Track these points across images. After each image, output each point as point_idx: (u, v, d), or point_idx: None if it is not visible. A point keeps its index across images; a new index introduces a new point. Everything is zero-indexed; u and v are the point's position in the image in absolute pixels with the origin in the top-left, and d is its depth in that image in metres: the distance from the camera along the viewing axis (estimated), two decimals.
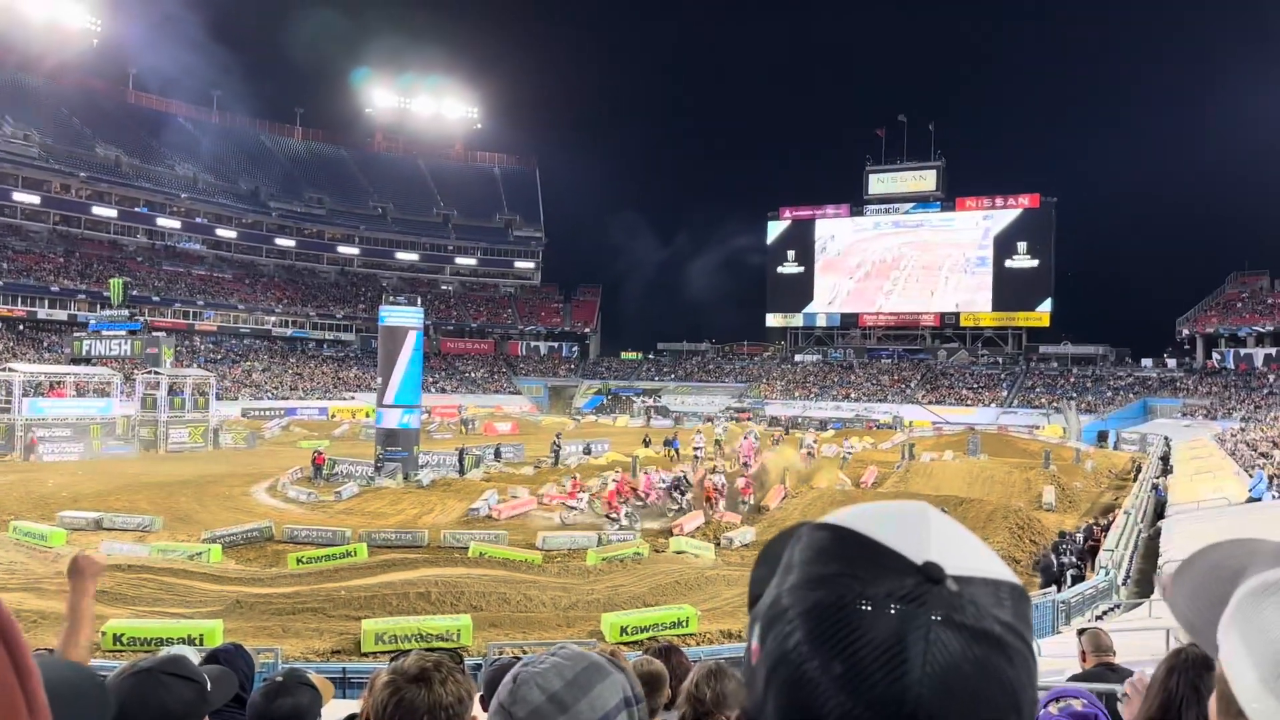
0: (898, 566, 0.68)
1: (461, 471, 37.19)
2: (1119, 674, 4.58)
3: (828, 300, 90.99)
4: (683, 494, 29.98)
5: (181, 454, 44.08)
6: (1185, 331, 73.12)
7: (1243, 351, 68.35)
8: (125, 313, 53.68)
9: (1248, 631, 0.76)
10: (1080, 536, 23.35)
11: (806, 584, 0.69)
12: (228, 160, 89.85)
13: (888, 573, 0.68)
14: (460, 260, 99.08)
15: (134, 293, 65.13)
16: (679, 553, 23.73)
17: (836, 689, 0.65)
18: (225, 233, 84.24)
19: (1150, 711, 2.02)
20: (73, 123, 79.81)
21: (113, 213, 76.95)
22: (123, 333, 51.27)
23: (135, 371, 48.85)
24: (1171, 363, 73.40)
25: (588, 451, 44.54)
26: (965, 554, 0.71)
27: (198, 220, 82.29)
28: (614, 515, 27.69)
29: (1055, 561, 19.90)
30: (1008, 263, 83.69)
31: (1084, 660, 5.29)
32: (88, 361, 51.54)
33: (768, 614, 0.71)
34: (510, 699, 1.41)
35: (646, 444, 46.21)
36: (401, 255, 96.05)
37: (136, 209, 78.13)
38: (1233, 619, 0.78)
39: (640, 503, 29.54)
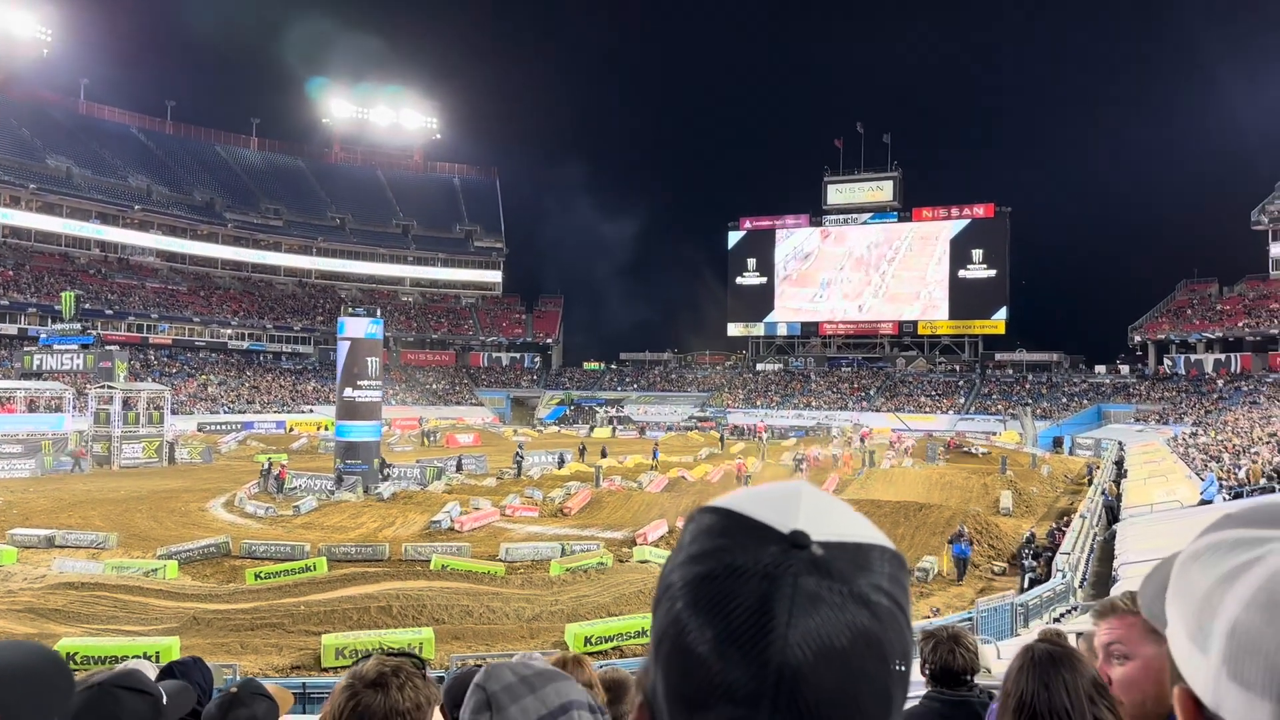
0: (767, 537, 0.72)
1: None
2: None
3: (788, 310, 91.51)
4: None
5: (136, 470, 43.32)
6: (1137, 338, 74.42)
7: (1193, 357, 69.71)
8: (77, 326, 52.79)
9: (1178, 597, 0.81)
10: (1039, 536, 23.69)
11: (689, 560, 0.74)
12: (182, 171, 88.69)
13: (758, 543, 0.72)
14: (420, 271, 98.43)
15: (86, 306, 64.07)
16: (643, 562, 23.73)
17: (710, 653, 0.69)
18: (180, 244, 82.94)
19: (1006, 708, 2.08)
20: (22, 134, 78.33)
21: (64, 225, 75.54)
22: (74, 347, 50.40)
23: (88, 386, 48.00)
24: (1124, 369, 74.66)
25: (561, 463, 44.51)
26: (833, 522, 0.75)
27: (151, 232, 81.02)
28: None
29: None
30: (964, 272, 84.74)
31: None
32: (38, 376, 50.57)
33: (658, 592, 0.77)
34: (485, 678, 1.50)
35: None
36: (360, 266, 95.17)
37: (88, 221, 76.79)
38: (1170, 591, 0.83)
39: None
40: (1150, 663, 2.05)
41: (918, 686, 3.37)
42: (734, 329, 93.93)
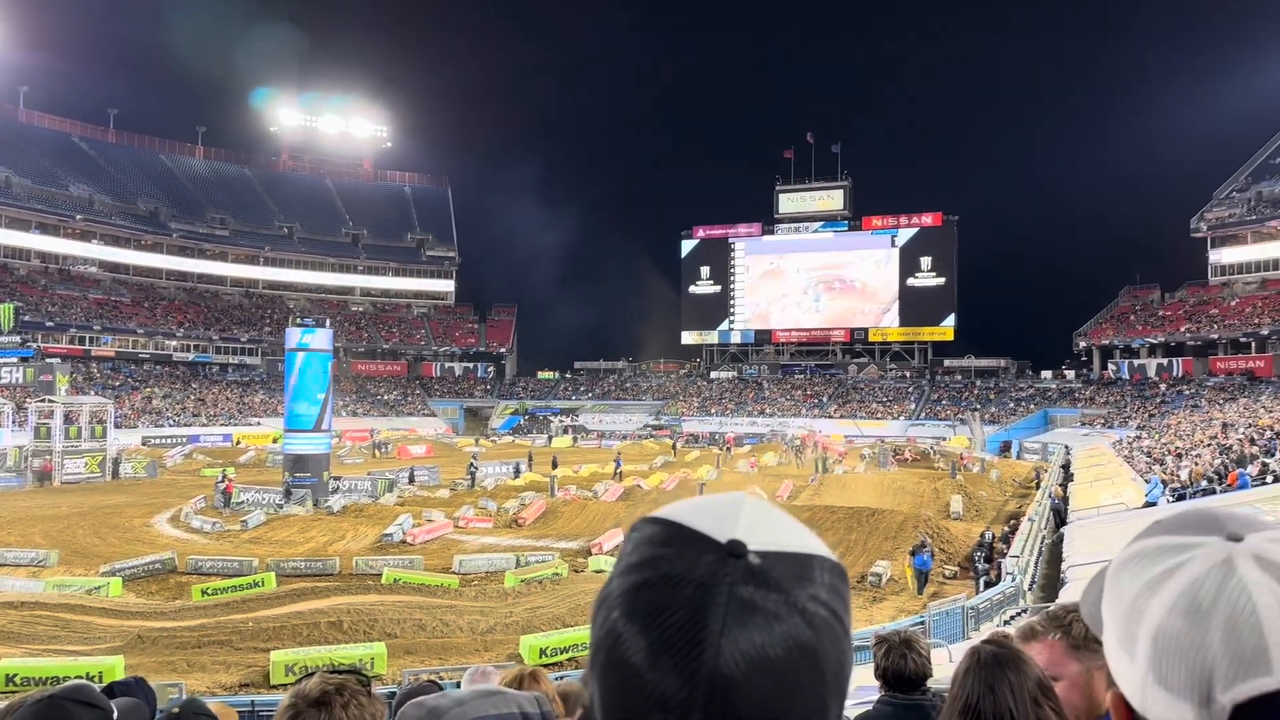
0: (705, 546, 0.72)
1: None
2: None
3: (741, 317, 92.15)
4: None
5: (78, 485, 42.28)
6: (1082, 344, 75.91)
7: (1136, 362, 71.22)
8: (16, 339, 51.57)
9: (1109, 604, 0.84)
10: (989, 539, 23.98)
11: (627, 570, 0.74)
12: (126, 180, 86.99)
13: (696, 552, 0.72)
14: (371, 281, 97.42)
15: (25, 318, 62.42)
16: (598, 571, 23.66)
17: (643, 662, 0.68)
18: (123, 255, 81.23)
19: (952, 710, 2.12)
20: None
21: (2, 235, 73.65)
22: (14, 360, 49.25)
23: (28, 400, 46.82)
24: (1070, 374, 76.07)
25: (517, 473, 44.24)
26: (773, 532, 0.74)
27: (93, 242, 79.29)
28: None
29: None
30: (913, 279, 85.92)
31: None
32: None
33: (597, 602, 0.76)
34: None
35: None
36: (309, 276, 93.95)
37: (28, 231, 74.95)
38: (1104, 596, 0.86)
39: None
40: (1076, 680, 2.11)
41: (869, 691, 3.39)
42: (688, 337, 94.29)
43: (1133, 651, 0.78)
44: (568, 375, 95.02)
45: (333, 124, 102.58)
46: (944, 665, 9.59)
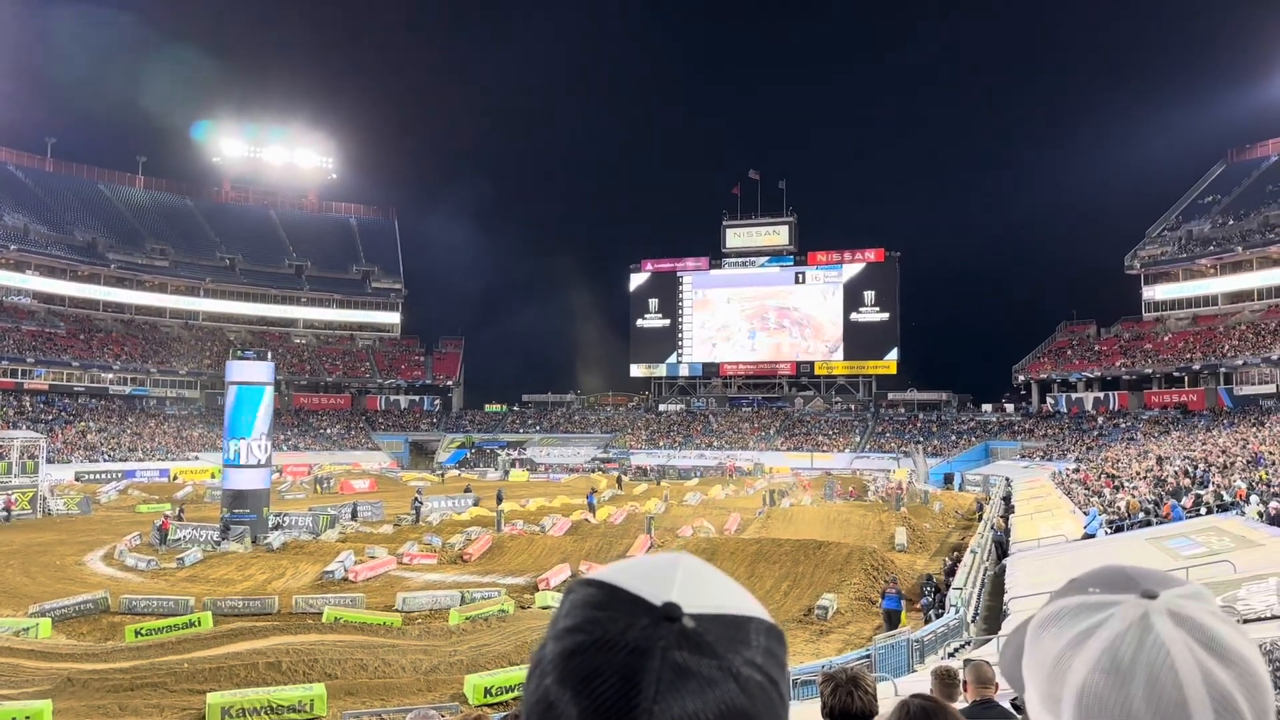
0: (640, 609, 0.72)
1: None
2: (995, 710, 4.67)
3: (689, 351, 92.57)
4: None
5: (8, 522, 40.94)
6: (1021, 378, 77.36)
7: (1074, 396, 72.77)
8: None
9: (1031, 662, 0.85)
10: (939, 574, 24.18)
11: (562, 634, 0.74)
12: (63, 210, 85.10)
13: (630, 616, 0.71)
14: (314, 313, 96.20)
15: None
16: (545, 608, 23.42)
17: None
18: (59, 286, 79.38)
19: None
20: None
21: None
22: None
23: None
24: (1010, 408, 77.48)
25: (475, 504, 43.71)
26: (709, 594, 0.74)
27: (28, 273, 77.37)
28: None
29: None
30: (856, 314, 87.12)
31: (966, 691, 5.40)
32: None
33: (532, 663, 0.76)
34: None
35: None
36: (251, 308, 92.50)
37: None
38: (1025, 658, 0.87)
39: None
40: None
41: None
42: (636, 370, 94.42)
43: (1057, 712, 0.79)
44: (515, 408, 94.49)
45: (277, 155, 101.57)
46: (889, 700, 9.61)
